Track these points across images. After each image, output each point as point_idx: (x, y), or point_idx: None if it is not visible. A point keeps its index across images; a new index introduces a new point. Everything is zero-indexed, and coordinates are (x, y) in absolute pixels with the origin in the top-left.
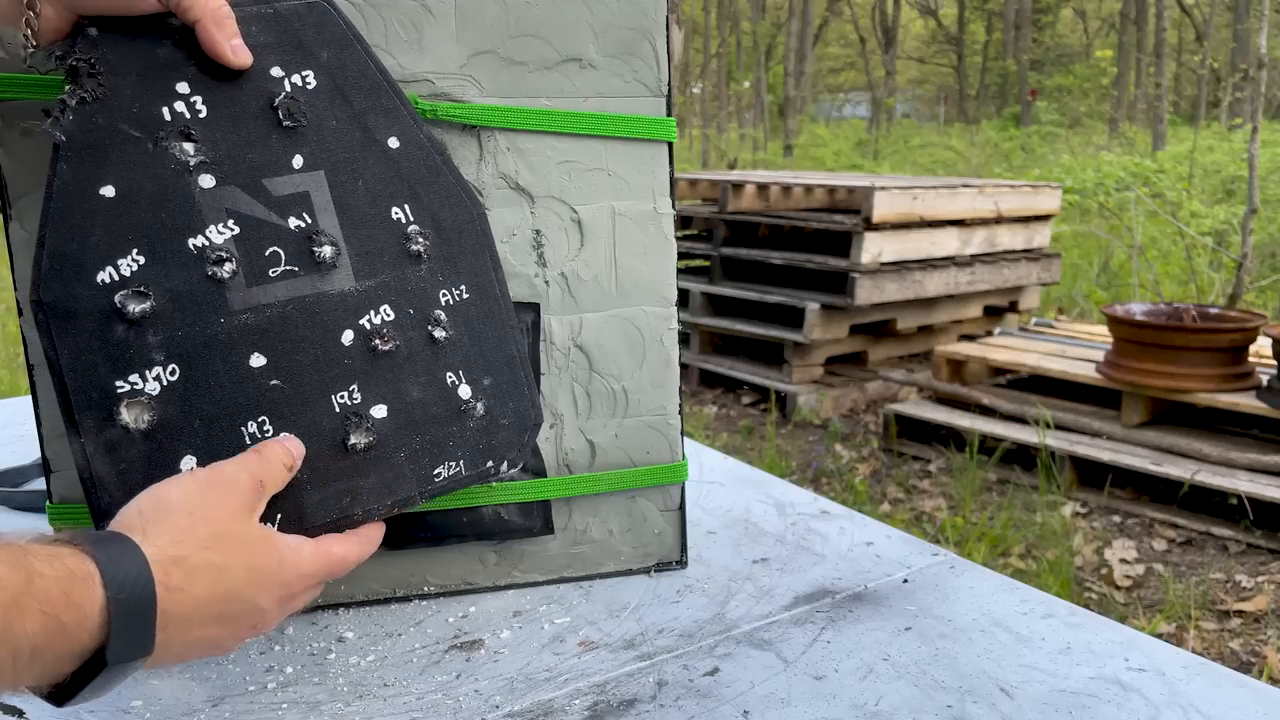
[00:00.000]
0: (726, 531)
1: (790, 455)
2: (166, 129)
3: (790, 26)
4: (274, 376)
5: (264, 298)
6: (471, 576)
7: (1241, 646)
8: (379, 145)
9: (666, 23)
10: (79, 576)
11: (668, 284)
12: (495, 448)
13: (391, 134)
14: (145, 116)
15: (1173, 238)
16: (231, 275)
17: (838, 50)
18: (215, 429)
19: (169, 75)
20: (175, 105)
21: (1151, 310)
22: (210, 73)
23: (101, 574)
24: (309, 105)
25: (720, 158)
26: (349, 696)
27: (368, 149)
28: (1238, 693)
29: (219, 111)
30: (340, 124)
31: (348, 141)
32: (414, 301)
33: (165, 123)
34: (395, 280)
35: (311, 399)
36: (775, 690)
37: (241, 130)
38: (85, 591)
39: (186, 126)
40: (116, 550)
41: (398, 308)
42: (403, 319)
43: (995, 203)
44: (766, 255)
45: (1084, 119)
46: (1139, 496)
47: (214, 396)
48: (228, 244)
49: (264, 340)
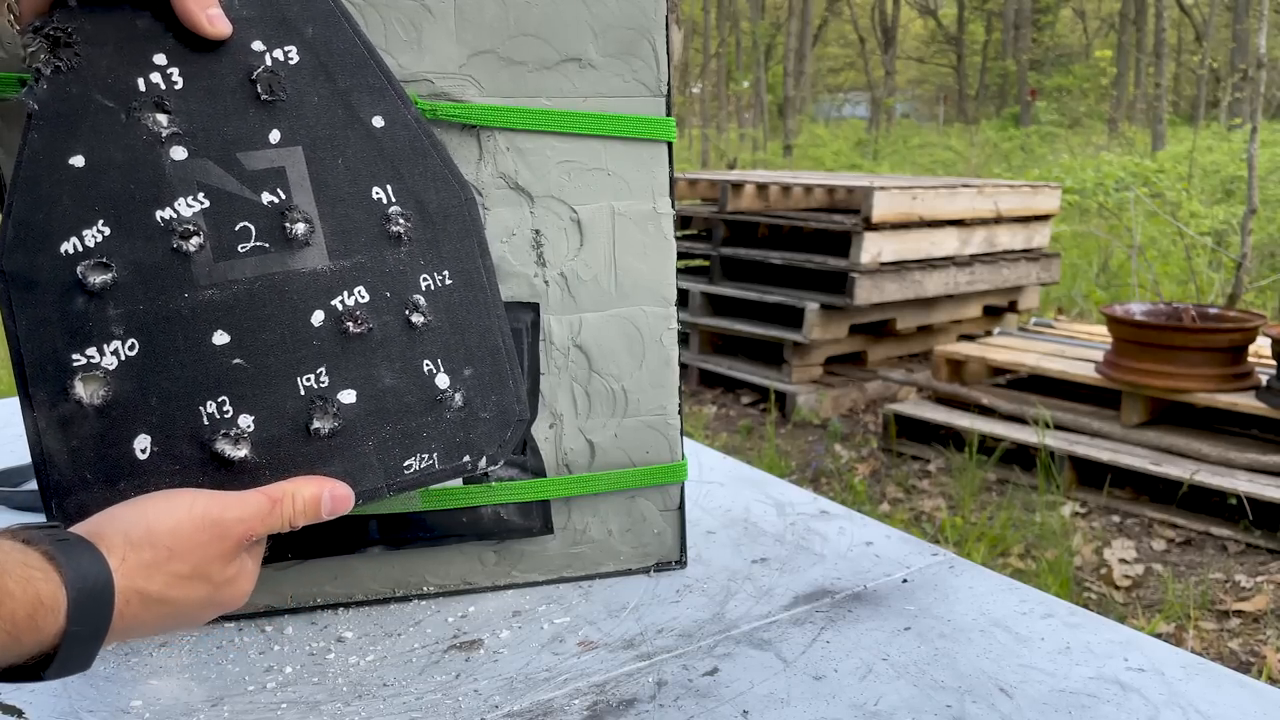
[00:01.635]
0: (726, 531)
1: (790, 455)
2: (140, 99)
3: (790, 26)
4: (237, 355)
5: (231, 274)
6: (471, 576)
7: (1241, 646)
8: (362, 124)
9: (666, 23)
10: (47, 605)
11: (667, 284)
12: (474, 442)
13: (376, 113)
14: (119, 87)
15: (1172, 238)
16: (198, 249)
17: (837, 50)
18: (173, 407)
19: (147, 46)
20: (151, 76)
21: (1151, 310)
22: (189, 44)
23: (69, 607)
24: (290, 80)
25: (720, 158)
26: (348, 696)
27: (350, 127)
28: (1237, 693)
29: (195, 84)
30: (322, 100)
31: (329, 119)
32: (391, 284)
33: (140, 93)
34: (372, 261)
35: (275, 380)
36: (775, 690)
37: (218, 103)
38: (48, 620)
39: (161, 97)
40: (89, 585)
41: (373, 290)
42: (378, 301)
43: (995, 203)
44: (766, 255)
45: (1083, 119)
46: (1138, 496)
47: (173, 373)
48: (196, 217)
49: (229, 317)
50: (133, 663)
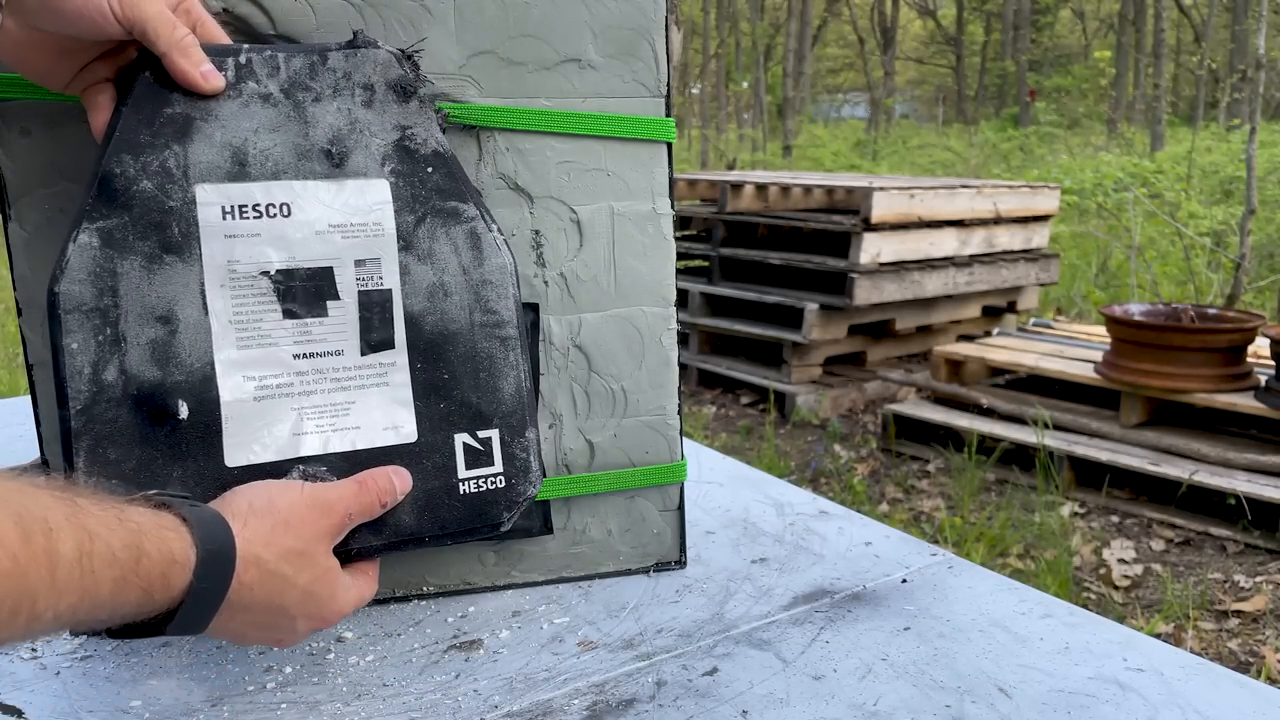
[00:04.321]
0: (725, 531)
1: (789, 455)
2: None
3: (789, 27)
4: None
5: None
6: (470, 576)
7: (1240, 646)
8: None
9: (665, 23)
10: (178, 562)
11: (667, 284)
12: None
13: None
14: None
15: (1171, 238)
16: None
17: (836, 51)
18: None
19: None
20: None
21: (1150, 310)
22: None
23: (196, 564)
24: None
25: (719, 158)
26: (348, 696)
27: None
28: (1236, 693)
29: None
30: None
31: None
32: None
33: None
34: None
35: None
36: (774, 690)
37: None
38: (179, 576)
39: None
40: (215, 545)
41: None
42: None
43: (994, 203)
44: (765, 256)
45: (1082, 119)
46: (1137, 496)
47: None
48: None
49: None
50: (132, 663)
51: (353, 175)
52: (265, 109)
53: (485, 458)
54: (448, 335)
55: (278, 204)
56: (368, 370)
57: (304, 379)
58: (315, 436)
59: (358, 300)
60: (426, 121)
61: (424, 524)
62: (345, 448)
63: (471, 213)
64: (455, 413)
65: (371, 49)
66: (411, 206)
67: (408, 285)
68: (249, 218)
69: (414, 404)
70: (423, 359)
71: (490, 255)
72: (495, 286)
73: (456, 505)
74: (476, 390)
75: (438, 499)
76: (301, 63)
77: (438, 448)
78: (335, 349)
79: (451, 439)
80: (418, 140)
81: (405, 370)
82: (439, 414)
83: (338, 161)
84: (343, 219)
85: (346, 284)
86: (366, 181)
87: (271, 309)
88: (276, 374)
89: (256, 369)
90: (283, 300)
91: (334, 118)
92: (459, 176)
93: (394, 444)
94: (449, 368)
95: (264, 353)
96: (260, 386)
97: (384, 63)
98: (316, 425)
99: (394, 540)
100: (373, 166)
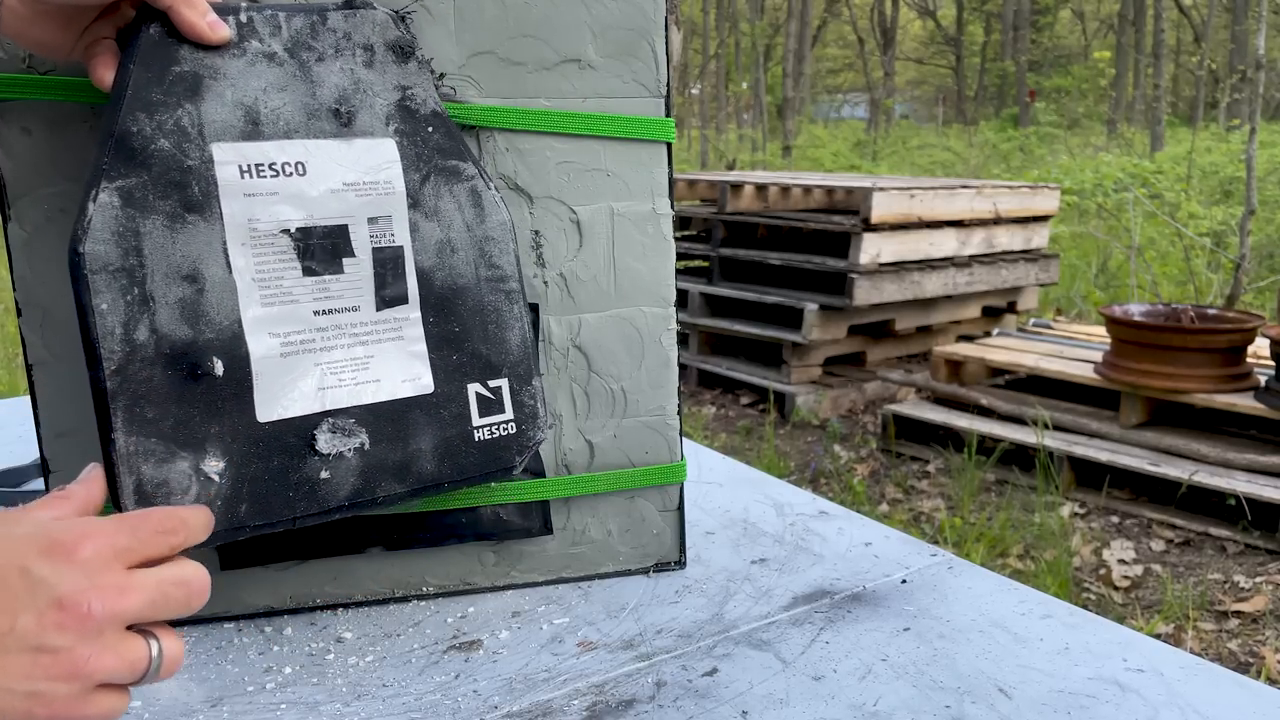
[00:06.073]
0: (725, 532)
1: (789, 456)
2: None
3: (789, 27)
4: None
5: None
6: (470, 577)
7: (1239, 647)
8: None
9: (665, 24)
10: None
11: (666, 284)
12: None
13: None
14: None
15: (1171, 238)
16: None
17: (836, 51)
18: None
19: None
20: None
21: (1149, 311)
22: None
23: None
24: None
25: (719, 158)
26: (347, 697)
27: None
28: (1236, 693)
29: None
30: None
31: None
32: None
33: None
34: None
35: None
36: (774, 691)
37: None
38: None
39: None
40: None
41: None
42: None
43: (994, 204)
44: (765, 256)
45: (1082, 120)
46: (1137, 497)
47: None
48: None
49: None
50: None
51: (361, 135)
52: (271, 68)
53: (496, 406)
54: (456, 290)
55: (293, 163)
56: (384, 325)
57: (325, 335)
58: (340, 390)
59: (372, 257)
60: (425, 82)
61: (444, 470)
62: (368, 400)
63: (471, 171)
64: (467, 364)
65: (369, 9)
66: (416, 165)
67: (417, 242)
68: (265, 176)
69: (429, 356)
70: (434, 313)
71: (491, 212)
72: (497, 242)
73: (473, 452)
74: (485, 342)
75: (455, 446)
76: (302, 22)
77: (453, 398)
78: (352, 305)
79: (465, 389)
80: (418, 100)
81: (419, 324)
82: (452, 365)
83: (345, 121)
84: (355, 177)
85: (361, 241)
86: (374, 141)
87: (292, 267)
88: (299, 330)
89: (280, 325)
90: (302, 258)
91: (338, 78)
92: (456, 135)
93: (413, 395)
94: (459, 321)
95: (287, 309)
96: (285, 343)
97: (382, 23)
98: (339, 380)
99: (416, 487)
100: (378, 126)
